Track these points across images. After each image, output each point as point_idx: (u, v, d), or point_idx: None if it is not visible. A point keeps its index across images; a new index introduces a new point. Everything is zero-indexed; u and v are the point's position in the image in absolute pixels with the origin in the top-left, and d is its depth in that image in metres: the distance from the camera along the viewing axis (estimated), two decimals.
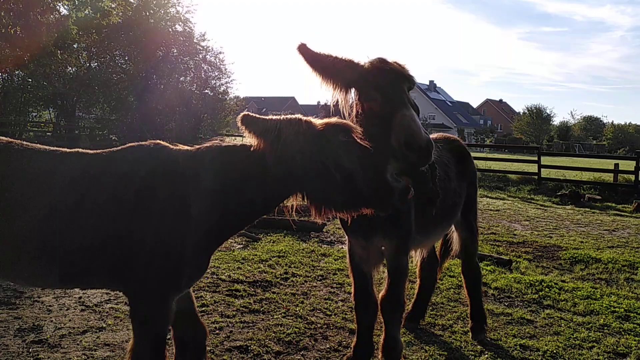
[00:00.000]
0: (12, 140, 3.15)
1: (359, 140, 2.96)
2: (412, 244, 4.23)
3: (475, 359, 4.61)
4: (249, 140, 2.93)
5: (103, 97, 30.34)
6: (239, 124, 2.92)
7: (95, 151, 3.17)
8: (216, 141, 3.27)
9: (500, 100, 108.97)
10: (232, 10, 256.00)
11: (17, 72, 27.87)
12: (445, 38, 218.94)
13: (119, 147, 3.20)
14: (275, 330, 4.95)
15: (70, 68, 31.22)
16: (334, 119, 3.05)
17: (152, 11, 30.13)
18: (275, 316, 5.32)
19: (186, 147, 3.20)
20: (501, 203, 15.35)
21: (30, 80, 29.64)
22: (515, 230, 11.02)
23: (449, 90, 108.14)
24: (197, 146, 3.21)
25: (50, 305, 5.30)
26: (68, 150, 3.17)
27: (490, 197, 16.62)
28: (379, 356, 4.22)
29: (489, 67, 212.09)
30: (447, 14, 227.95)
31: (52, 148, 3.15)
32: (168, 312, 3.03)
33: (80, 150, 3.19)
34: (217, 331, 4.86)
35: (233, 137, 30.79)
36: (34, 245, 2.89)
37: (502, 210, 13.79)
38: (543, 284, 6.86)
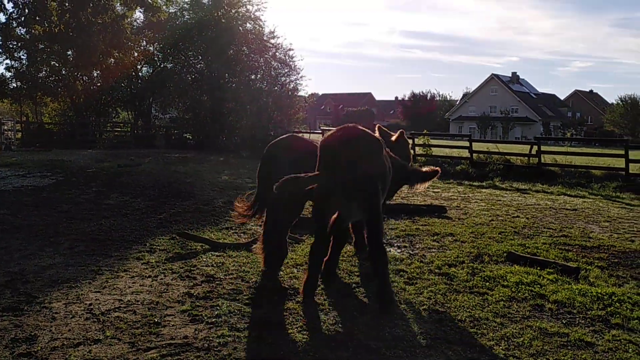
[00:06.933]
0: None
1: None
2: None
3: None
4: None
5: (178, 97, 31.00)
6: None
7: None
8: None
9: (591, 91, 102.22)
10: (307, 6, 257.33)
11: (96, 74, 29.14)
12: (529, 27, 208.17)
13: None
14: (285, 348, 4.42)
15: (147, 68, 32.30)
16: None
17: (223, 11, 30.45)
18: (290, 331, 4.79)
19: None
20: (580, 202, 13.99)
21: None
22: (592, 232, 9.84)
23: (533, 82, 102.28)
24: None
25: (56, 312, 5.05)
26: None
27: (569, 195, 15.24)
28: None
29: (578, 57, 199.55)
30: (531, 2, 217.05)
31: None
32: None
33: None
34: (219, 347, 4.39)
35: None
36: None
37: (579, 210, 12.49)
38: (613, 297, 5.92)
